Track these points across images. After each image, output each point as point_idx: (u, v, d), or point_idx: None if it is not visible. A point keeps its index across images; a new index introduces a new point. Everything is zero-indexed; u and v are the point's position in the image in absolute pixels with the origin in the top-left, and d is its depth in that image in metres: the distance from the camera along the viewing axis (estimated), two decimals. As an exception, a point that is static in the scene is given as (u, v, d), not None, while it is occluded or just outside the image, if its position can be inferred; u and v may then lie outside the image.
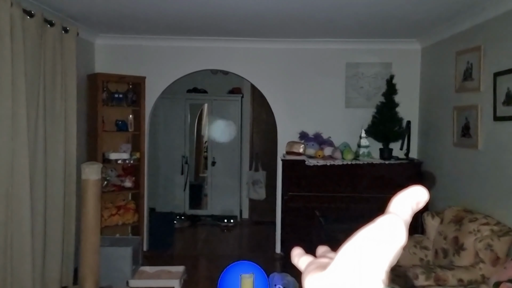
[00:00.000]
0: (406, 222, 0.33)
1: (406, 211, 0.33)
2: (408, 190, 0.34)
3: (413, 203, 0.34)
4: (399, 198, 0.34)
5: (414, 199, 0.34)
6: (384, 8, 3.37)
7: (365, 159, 4.45)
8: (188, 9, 3.46)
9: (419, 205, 0.34)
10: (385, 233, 0.32)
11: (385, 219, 0.32)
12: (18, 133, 3.06)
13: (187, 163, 6.69)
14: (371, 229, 0.32)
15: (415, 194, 0.34)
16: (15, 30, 2.93)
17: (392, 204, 0.34)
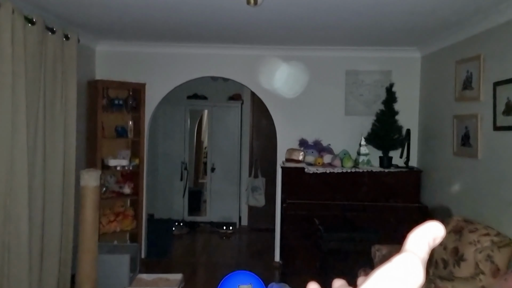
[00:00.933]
0: (424, 260, 0.32)
1: (423, 249, 0.32)
2: (424, 226, 0.33)
3: (430, 239, 0.33)
4: (415, 235, 0.33)
5: (430, 235, 0.33)
6: (384, 17, 3.37)
7: (365, 167, 4.45)
8: (188, 17, 3.46)
9: (436, 241, 0.33)
10: (403, 273, 0.31)
11: (402, 258, 0.31)
12: (17, 139, 3.05)
13: (187, 169, 6.68)
14: (388, 268, 0.31)
15: (432, 230, 0.33)
16: (16, 37, 2.93)
17: (408, 241, 0.33)
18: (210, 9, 3.25)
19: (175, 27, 3.86)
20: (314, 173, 4.41)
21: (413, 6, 3.07)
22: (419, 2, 2.97)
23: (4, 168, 2.94)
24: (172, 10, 3.29)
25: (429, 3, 2.99)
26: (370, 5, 3.06)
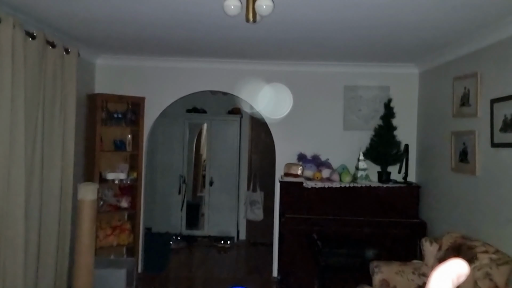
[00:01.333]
0: None
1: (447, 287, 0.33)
2: (447, 264, 0.33)
3: (453, 277, 0.33)
4: (439, 273, 0.33)
5: (454, 273, 0.33)
6: (382, 34, 3.41)
7: (363, 182, 4.44)
8: (188, 32, 3.50)
9: (460, 279, 0.33)
10: None
11: None
12: (15, 151, 3.05)
13: (185, 182, 6.67)
14: None
15: (455, 268, 0.33)
16: (16, 51, 2.95)
17: (432, 280, 0.33)
18: (210, 25, 3.28)
19: (175, 42, 3.89)
20: (313, 188, 4.40)
21: (411, 24, 3.10)
22: (416, 20, 3.01)
23: (0, 181, 2.93)
24: (171, 26, 3.33)
25: (427, 21, 3.02)
26: (368, 23, 3.10)
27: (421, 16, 2.91)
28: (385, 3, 2.67)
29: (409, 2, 2.64)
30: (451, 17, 2.92)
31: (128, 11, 2.95)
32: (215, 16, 2.97)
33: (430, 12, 2.82)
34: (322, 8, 2.79)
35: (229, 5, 2.19)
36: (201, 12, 2.95)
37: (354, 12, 2.87)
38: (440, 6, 2.69)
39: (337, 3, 2.70)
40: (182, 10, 2.91)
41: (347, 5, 2.72)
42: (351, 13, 2.90)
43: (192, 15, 3.03)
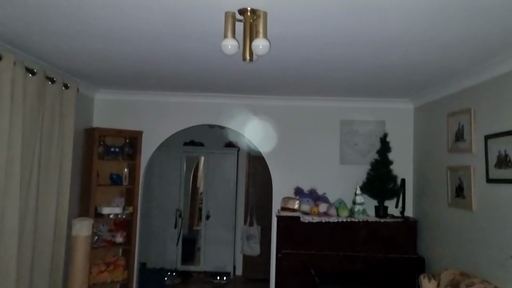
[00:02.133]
0: None
1: None
2: None
3: None
4: None
5: None
6: (376, 71, 3.49)
7: (360, 217, 4.42)
8: (186, 68, 3.56)
9: None
10: None
11: None
12: (10, 186, 3.03)
13: (181, 216, 6.60)
14: None
15: None
16: (16, 87, 3.00)
17: None
18: (207, 62, 3.35)
19: (173, 77, 3.95)
20: (310, 222, 4.37)
21: (404, 62, 3.18)
22: (409, 59, 3.09)
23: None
24: (170, 62, 3.39)
25: (419, 59, 3.10)
26: (362, 61, 3.17)
27: (413, 54, 2.98)
28: (378, 43, 2.75)
29: (401, 42, 2.72)
30: (442, 55, 3.00)
31: (127, 48, 3.02)
32: (213, 52, 3.04)
33: (421, 51, 2.90)
34: (318, 46, 2.86)
35: (227, 44, 2.25)
36: (199, 49, 3.02)
37: (349, 51, 2.95)
38: (431, 45, 2.77)
39: (332, 42, 2.77)
40: (180, 47, 2.98)
41: (341, 44, 2.80)
42: (345, 52, 2.97)
43: (190, 52, 3.10)
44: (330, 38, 2.68)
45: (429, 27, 2.45)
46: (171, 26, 2.55)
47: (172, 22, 2.47)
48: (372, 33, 2.58)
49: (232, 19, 2.25)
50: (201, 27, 2.55)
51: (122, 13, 2.34)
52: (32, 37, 2.82)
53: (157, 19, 2.42)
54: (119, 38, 2.77)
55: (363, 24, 2.43)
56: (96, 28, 2.59)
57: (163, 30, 2.62)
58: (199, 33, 2.67)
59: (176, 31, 2.63)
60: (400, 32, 2.55)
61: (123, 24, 2.53)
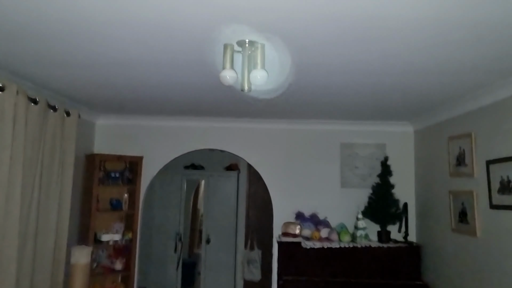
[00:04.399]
0: None
1: None
2: None
3: None
4: None
5: None
6: (376, 95, 3.49)
7: (363, 242, 4.36)
8: (186, 94, 3.58)
9: None
10: None
11: None
12: (11, 212, 3.00)
13: (181, 240, 6.53)
14: None
15: None
16: (18, 116, 3.01)
17: None
18: (206, 89, 3.37)
19: (173, 103, 3.97)
20: (311, 248, 4.31)
21: (405, 86, 3.17)
22: (408, 83, 3.09)
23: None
24: (169, 89, 3.41)
25: (418, 84, 3.10)
26: (363, 86, 3.18)
27: (413, 81, 2.99)
28: (378, 71, 2.76)
29: (402, 70, 2.74)
30: (443, 82, 3.01)
31: (128, 75, 3.04)
32: (213, 81, 3.06)
33: (422, 78, 2.90)
34: (316, 74, 2.88)
35: (225, 75, 2.26)
36: (199, 78, 3.04)
37: (349, 77, 2.96)
38: (432, 73, 2.78)
39: (331, 70, 2.79)
40: (180, 76, 3.00)
41: (341, 71, 2.81)
42: (345, 79, 2.99)
43: (190, 80, 3.12)
44: (329, 66, 2.70)
45: (430, 56, 2.46)
46: (172, 56, 2.57)
47: (173, 51, 2.49)
48: (373, 62, 2.59)
49: (230, 51, 2.27)
50: (201, 58, 2.58)
51: (123, 43, 2.36)
52: (34, 68, 2.84)
53: (158, 49, 2.44)
54: (120, 66, 2.80)
55: (364, 54, 2.45)
56: (98, 57, 2.62)
57: (164, 59, 2.64)
58: (199, 63, 2.69)
59: (176, 60, 2.65)
60: (400, 61, 2.56)
61: (124, 54, 2.55)
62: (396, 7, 1.82)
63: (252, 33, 2.17)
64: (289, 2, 1.80)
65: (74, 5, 1.86)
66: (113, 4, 1.84)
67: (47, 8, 1.90)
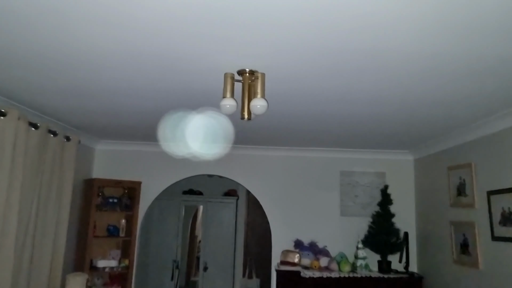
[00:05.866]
0: None
1: None
2: None
3: None
4: None
5: None
6: (376, 124, 3.50)
7: (363, 272, 4.28)
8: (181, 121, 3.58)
9: None
10: None
11: None
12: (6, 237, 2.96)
13: (178, 267, 6.41)
14: None
15: None
16: (18, 140, 3.01)
17: None
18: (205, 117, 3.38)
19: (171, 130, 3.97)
20: (311, 278, 4.22)
21: (405, 116, 3.18)
22: (406, 114, 3.11)
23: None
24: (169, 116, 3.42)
25: (417, 115, 3.12)
26: (363, 115, 3.19)
27: (413, 111, 3.00)
28: (375, 98, 2.78)
29: (402, 99, 2.75)
30: (443, 112, 3.02)
31: (128, 103, 3.05)
32: (212, 108, 3.08)
33: (422, 108, 2.92)
34: (315, 102, 2.89)
35: (225, 104, 2.27)
36: (198, 106, 3.06)
37: (348, 107, 2.97)
38: (432, 103, 2.79)
39: (330, 98, 2.80)
40: (180, 103, 3.01)
41: (339, 100, 2.83)
42: (344, 108, 3.00)
43: (189, 108, 3.13)
44: (327, 95, 2.72)
45: (429, 88, 2.48)
46: (171, 84, 2.59)
47: (172, 80, 2.51)
48: (371, 92, 2.61)
49: (231, 80, 2.28)
50: (201, 86, 2.60)
51: (123, 72, 2.39)
52: (36, 95, 2.86)
53: (158, 77, 2.46)
54: (121, 94, 2.81)
55: (362, 84, 2.47)
56: (99, 86, 2.64)
57: (164, 88, 2.66)
58: (199, 92, 2.70)
59: (176, 89, 2.67)
60: (399, 92, 2.58)
61: (126, 83, 2.57)
62: (394, 41, 1.85)
63: (252, 63, 2.20)
64: (288, 36, 1.82)
65: (76, 37, 1.89)
66: (116, 36, 1.86)
67: (51, 40, 1.92)
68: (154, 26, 1.77)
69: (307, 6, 1.56)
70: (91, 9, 1.63)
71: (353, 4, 1.54)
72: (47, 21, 1.75)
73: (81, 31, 1.84)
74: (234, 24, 1.73)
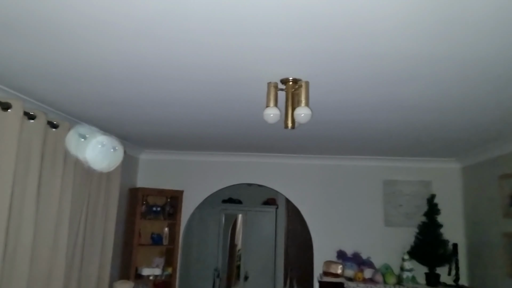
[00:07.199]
0: None
1: None
2: None
3: None
4: None
5: None
6: (421, 131, 3.38)
7: (410, 285, 4.13)
8: (226, 131, 3.63)
9: None
10: None
11: None
12: (58, 247, 3.08)
13: (219, 276, 6.45)
14: None
15: None
16: (69, 152, 3.15)
17: None
18: (248, 126, 3.40)
19: (214, 139, 4.03)
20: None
21: (453, 122, 3.06)
22: (455, 119, 2.99)
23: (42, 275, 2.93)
24: (211, 126, 3.48)
25: (472, 120, 2.98)
26: (409, 122, 3.10)
27: (464, 116, 2.88)
28: (421, 105, 2.70)
29: (455, 106, 2.66)
30: (498, 117, 2.88)
31: (171, 114, 3.13)
32: (255, 118, 3.10)
33: (475, 113, 2.79)
34: (361, 110, 2.85)
35: (269, 113, 2.27)
36: (241, 116, 3.08)
37: (393, 114, 2.90)
38: (488, 108, 2.67)
39: (375, 106, 2.75)
40: (222, 114, 3.05)
41: (385, 107, 2.77)
42: (389, 116, 2.93)
43: (232, 118, 3.17)
44: (372, 102, 2.66)
45: (488, 91, 2.36)
46: (215, 95, 2.63)
47: (215, 91, 2.55)
48: (416, 99, 2.54)
49: (274, 89, 2.29)
50: (244, 96, 2.62)
51: (168, 84, 2.45)
52: (87, 108, 2.99)
53: (203, 88, 2.51)
54: (165, 105, 2.89)
55: (406, 91, 2.41)
56: (145, 97, 2.72)
57: (207, 98, 2.70)
58: (242, 102, 2.73)
59: (219, 99, 2.71)
60: (454, 96, 2.47)
61: (169, 94, 2.63)
62: (448, 46, 1.79)
63: (295, 72, 2.20)
64: (331, 43, 1.81)
65: (124, 51, 1.96)
66: (163, 49, 1.92)
67: (99, 54, 2.01)
68: (199, 39, 1.81)
69: (349, 13, 1.54)
70: (139, 24, 1.69)
71: (400, 9, 1.51)
72: (96, 36, 1.82)
73: (129, 46, 1.91)
74: (277, 34, 1.73)
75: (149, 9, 1.56)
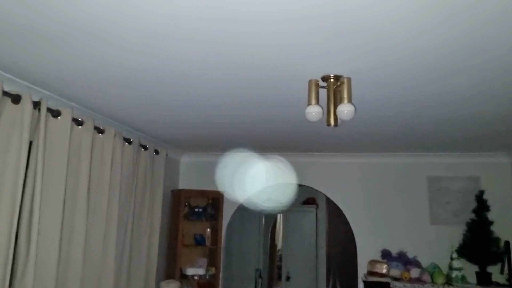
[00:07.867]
0: None
1: None
2: None
3: None
4: None
5: None
6: (468, 124, 3.25)
7: (460, 284, 3.98)
8: (266, 131, 3.64)
9: None
10: None
11: None
12: (108, 249, 3.20)
13: (261, 276, 6.47)
14: None
15: None
16: (115, 156, 3.26)
17: None
18: (288, 125, 3.39)
19: (252, 139, 4.05)
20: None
21: (504, 114, 2.93)
22: (506, 110, 2.85)
23: (94, 277, 3.05)
24: (250, 126, 3.49)
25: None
26: (454, 115, 2.99)
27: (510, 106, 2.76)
28: (470, 98, 2.59)
29: (497, 95, 2.54)
30: (546, 108, 2.74)
31: (211, 117, 3.17)
32: (296, 117, 3.08)
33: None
34: (406, 105, 2.77)
35: (311, 111, 2.26)
36: (281, 115, 3.08)
37: (441, 107, 2.81)
38: (533, 99, 2.55)
39: (422, 101, 2.67)
40: (262, 113, 3.06)
41: (433, 102, 2.69)
42: (437, 109, 2.84)
43: (272, 118, 3.17)
44: (419, 98, 2.59)
45: (530, 81, 2.26)
46: (255, 95, 2.64)
47: (256, 91, 2.56)
48: (464, 92, 2.44)
49: (315, 87, 2.27)
50: (285, 95, 2.61)
51: (210, 86, 2.48)
52: (131, 112, 3.09)
53: (243, 88, 2.52)
54: (205, 108, 2.93)
55: (455, 83, 2.32)
56: (189, 100, 2.77)
57: (246, 99, 2.72)
58: (283, 101, 2.73)
59: (259, 99, 2.72)
60: (497, 89, 2.38)
61: (211, 97, 2.67)
62: (501, 35, 1.71)
63: (336, 69, 2.17)
64: (373, 38, 1.77)
65: (166, 55, 2.01)
66: (203, 51, 1.95)
67: (143, 59, 2.07)
68: (239, 39, 1.82)
69: (391, 7, 1.51)
70: (182, 29, 1.72)
71: None
72: (138, 40, 1.88)
73: (170, 48, 1.95)
74: (317, 31, 1.72)
75: (194, 15, 1.59)
